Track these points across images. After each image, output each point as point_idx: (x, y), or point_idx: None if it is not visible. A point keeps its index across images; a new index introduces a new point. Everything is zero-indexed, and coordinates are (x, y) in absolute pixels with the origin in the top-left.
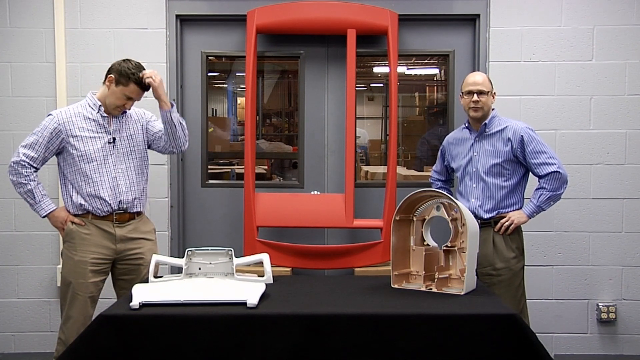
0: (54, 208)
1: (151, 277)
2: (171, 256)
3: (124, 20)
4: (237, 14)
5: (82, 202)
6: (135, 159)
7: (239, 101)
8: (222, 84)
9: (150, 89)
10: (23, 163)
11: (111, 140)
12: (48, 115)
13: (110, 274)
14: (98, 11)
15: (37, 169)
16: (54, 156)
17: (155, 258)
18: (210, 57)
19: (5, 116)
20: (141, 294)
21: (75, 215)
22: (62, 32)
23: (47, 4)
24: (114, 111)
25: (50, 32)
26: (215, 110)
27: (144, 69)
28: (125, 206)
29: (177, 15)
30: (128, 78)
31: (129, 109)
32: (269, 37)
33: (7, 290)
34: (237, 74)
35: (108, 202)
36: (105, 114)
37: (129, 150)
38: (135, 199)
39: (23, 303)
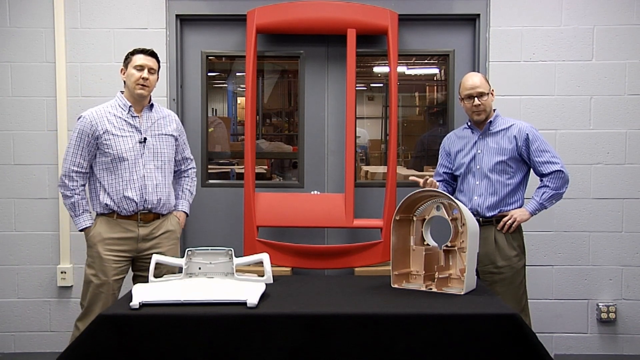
0: (90, 224)
1: (151, 277)
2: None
3: (124, 20)
4: (237, 14)
5: (109, 202)
6: (164, 161)
7: (239, 101)
8: (222, 84)
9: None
10: (70, 175)
11: (142, 140)
12: (79, 119)
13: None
14: (98, 11)
15: (84, 180)
16: None
17: (155, 258)
18: (210, 57)
19: (5, 116)
20: (141, 293)
21: (101, 215)
22: (62, 32)
23: (47, 4)
24: (140, 90)
25: (50, 32)
26: (215, 110)
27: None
28: (150, 206)
29: (177, 15)
30: (130, 54)
31: (150, 82)
32: (269, 37)
33: (7, 290)
34: (237, 74)
35: (135, 202)
36: (135, 114)
37: (159, 152)
38: (160, 199)
39: (23, 303)
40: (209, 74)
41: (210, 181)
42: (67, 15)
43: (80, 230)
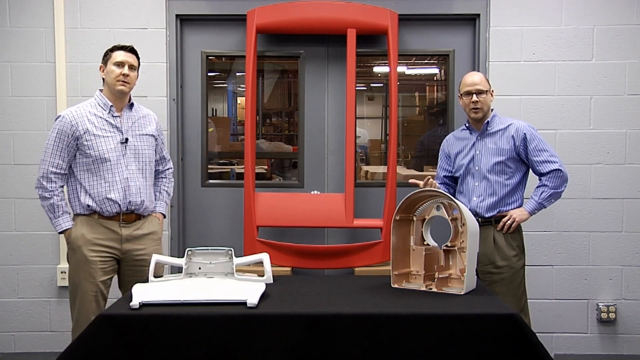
0: (70, 227)
1: (151, 277)
2: (171, 256)
3: (124, 20)
4: (237, 14)
5: (90, 203)
6: (145, 162)
7: (239, 101)
8: (222, 84)
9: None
10: (49, 176)
11: (124, 140)
12: (57, 118)
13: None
14: (98, 11)
15: (63, 181)
16: None
17: (155, 258)
18: (210, 57)
19: (5, 116)
20: (141, 293)
21: (81, 215)
22: (62, 32)
23: (47, 4)
24: (120, 86)
25: (50, 32)
26: (215, 110)
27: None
28: (133, 208)
29: (177, 15)
30: (110, 51)
31: (130, 79)
32: (269, 37)
33: (7, 290)
34: (237, 74)
35: (118, 203)
36: (116, 114)
37: (140, 153)
38: (143, 201)
39: (23, 303)
40: (209, 74)
41: (210, 181)
42: (67, 15)
43: (60, 233)
